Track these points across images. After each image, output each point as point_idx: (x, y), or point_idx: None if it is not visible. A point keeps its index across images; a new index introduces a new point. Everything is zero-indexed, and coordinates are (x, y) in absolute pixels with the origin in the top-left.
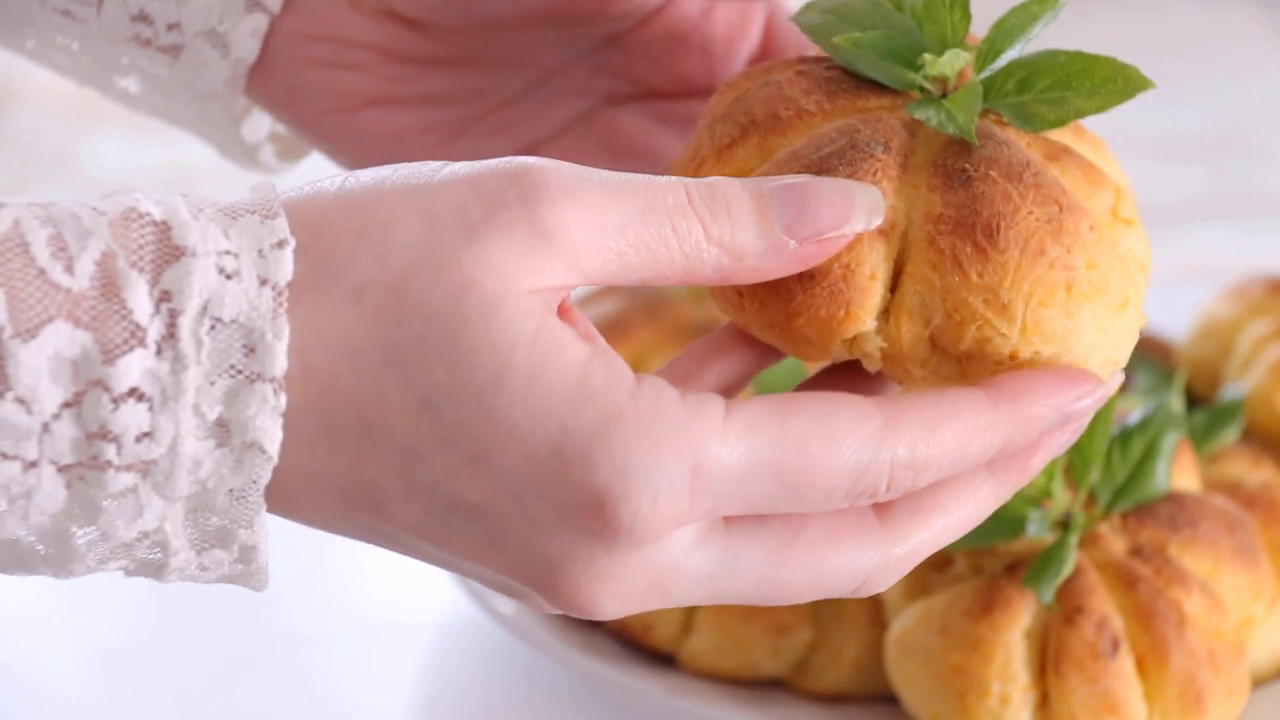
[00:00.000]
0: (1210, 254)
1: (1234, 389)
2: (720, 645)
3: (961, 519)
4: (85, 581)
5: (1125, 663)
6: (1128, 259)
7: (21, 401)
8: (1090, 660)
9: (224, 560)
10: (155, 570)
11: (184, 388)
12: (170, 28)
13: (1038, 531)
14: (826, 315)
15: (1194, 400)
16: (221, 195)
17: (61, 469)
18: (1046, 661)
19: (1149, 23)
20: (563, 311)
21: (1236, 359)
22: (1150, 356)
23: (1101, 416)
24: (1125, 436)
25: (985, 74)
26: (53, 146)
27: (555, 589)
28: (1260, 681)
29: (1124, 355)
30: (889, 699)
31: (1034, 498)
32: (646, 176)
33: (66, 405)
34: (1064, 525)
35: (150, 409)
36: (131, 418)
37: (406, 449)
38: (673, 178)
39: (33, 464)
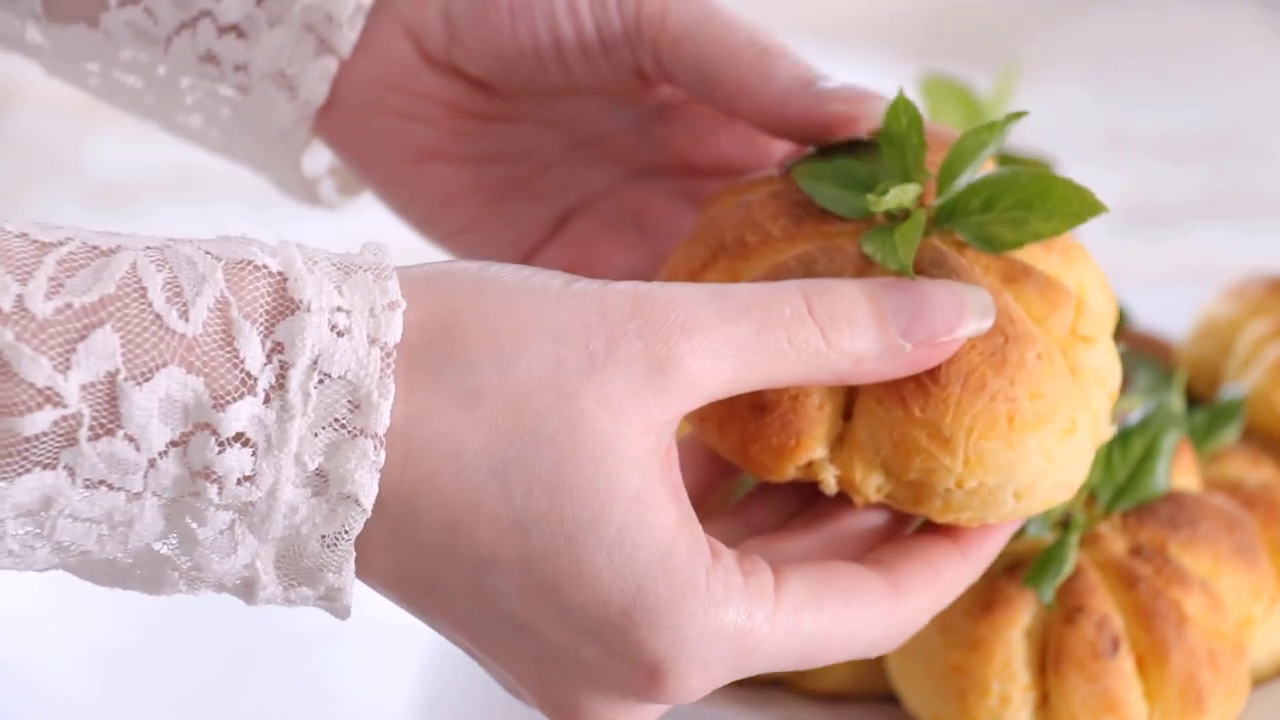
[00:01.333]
0: (1210, 254)
1: (1234, 388)
2: None
3: (940, 606)
4: (86, 584)
5: (1125, 662)
6: (1085, 377)
7: (131, 439)
8: (1090, 660)
9: (309, 596)
10: (244, 596)
11: (288, 437)
12: (237, 69)
13: (1038, 531)
14: (778, 444)
15: (1194, 400)
16: (224, 198)
17: (164, 503)
18: (1047, 661)
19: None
20: (669, 449)
21: (1236, 358)
22: (1150, 356)
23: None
24: (1125, 436)
25: (949, 194)
26: (54, 147)
27: (576, 718)
28: (1260, 681)
29: (1078, 476)
30: (889, 699)
31: None
32: (765, 287)
33: (173, 444)
34: (1064, 525)
35: (254, 454)
36: (236, 461)
37: (484, 557)
38: (790, 284)
39: (137, 495)
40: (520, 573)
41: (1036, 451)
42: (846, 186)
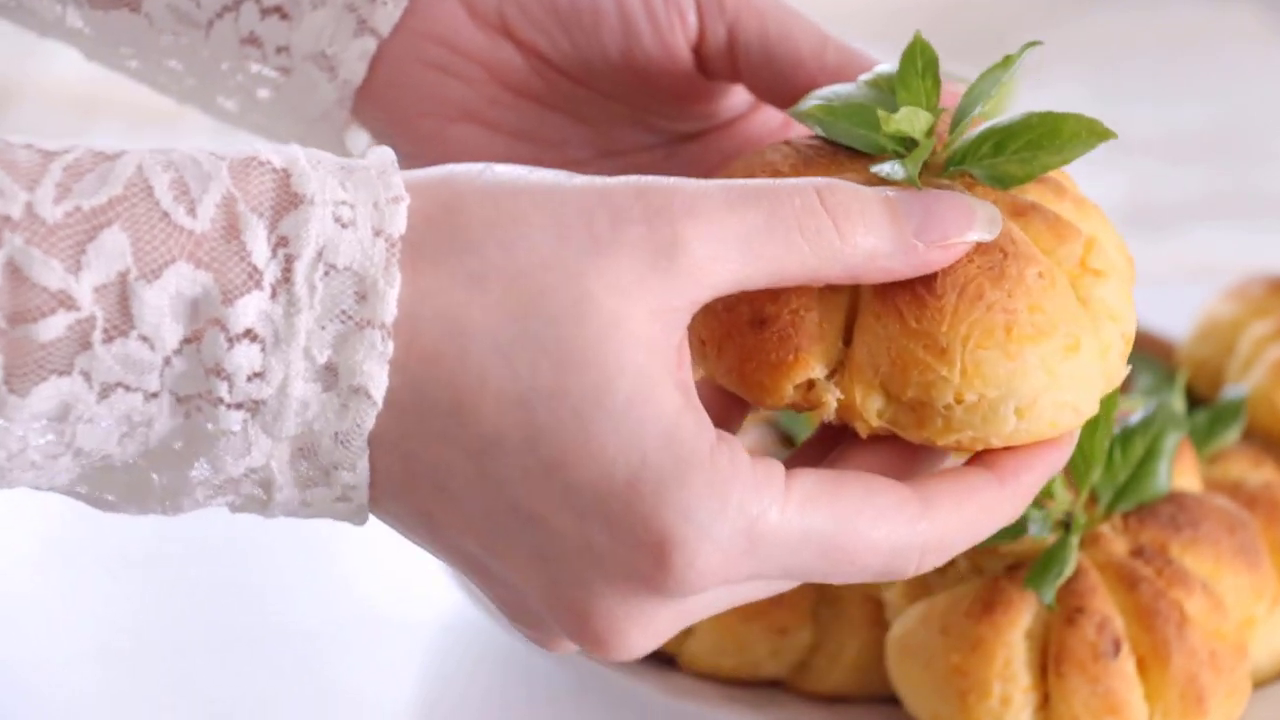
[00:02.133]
0: (1211, 254)
1: (1235, 389)
2: (721, 646)
3: (977, 536)
4: (86, 580)
5: (1126, 663)
6: (1095, 308)
7: (144, 339)
8: (1091, 661)
9: (326, 498)
10: (260, 506)
11: (296, 331)
12: (279, 50)
13: (1039, 532)
14: (776, 359)
15: (1195, 400)
16: None
17: (180, 400)
18: (1047, 662)
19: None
20: (680, 343)
21: (1237, 359)
22: (1151, 356)
23: (1103, 417)
24: (1126, 436)
25: (964, 139)
26: None
27: (586, 619)
28: (1261, 682)
29: (1085, 401)
30: (890, 700)
31: (1035, 499)
32: (774, 181)
33: (187, 341)
34: (1065, 525)
35: (263, 350)
36: (245, 357)
37: (490, 438)
38: (799, 180)
39: (154, 395)
40: (526, 451)
41: (1037, 365)
42: (857, 122)
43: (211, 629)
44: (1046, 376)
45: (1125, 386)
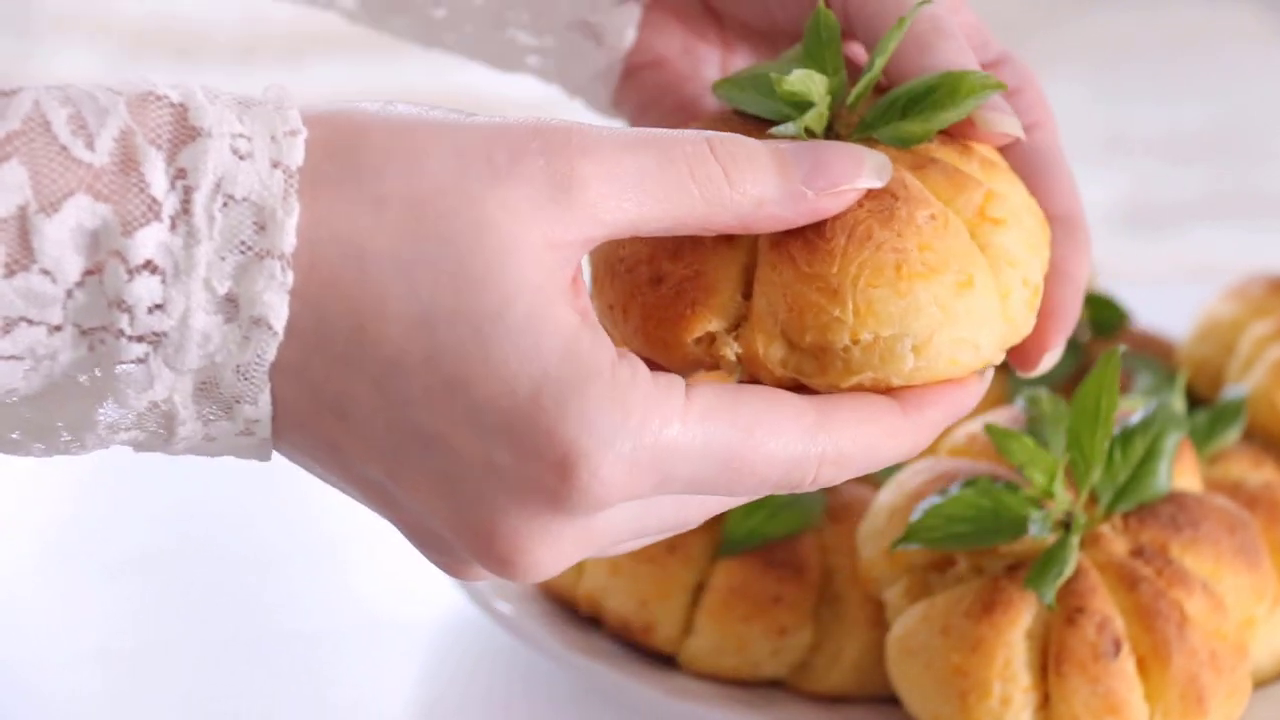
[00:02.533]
0: (1211, 254)
1: (1235, 389)
2: (721, 646)
3: (876, 458)
4: (86, 581)
5: (1126, 663)
6: (995, 253)
7: (46, 272)
8: (1092, 661)
9: (229, 432)
10: (163, 443)
11: (196, 262)
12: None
13: (1039, 532)
14: (674, 315)
15: (1195, 400)
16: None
17: (84, 333)
18: (1048, 662)
19: (1149, 23)
20: (576, 273)
21: (1238, 359)
22: (1151, 357)
23: (1103, 419)
24: (1127, 437)
25: (874, 106)
26: None
27: (493, 540)
28: (1262, 682)
29: (986, 340)
30: (890, 700)
31: (1035, 498)
32: (662, 130)
33: (89, 273)
34: (1065, 526)
35: (163, 281)
36: (145, 289)
37: (391, 360)
38: (689, 130)
39: (57, 328)
40: (427, 371)
41: (929, 302)
42: (762, 92)
43: (211, 630)
44: (941, 313)
45: (1125, 386)
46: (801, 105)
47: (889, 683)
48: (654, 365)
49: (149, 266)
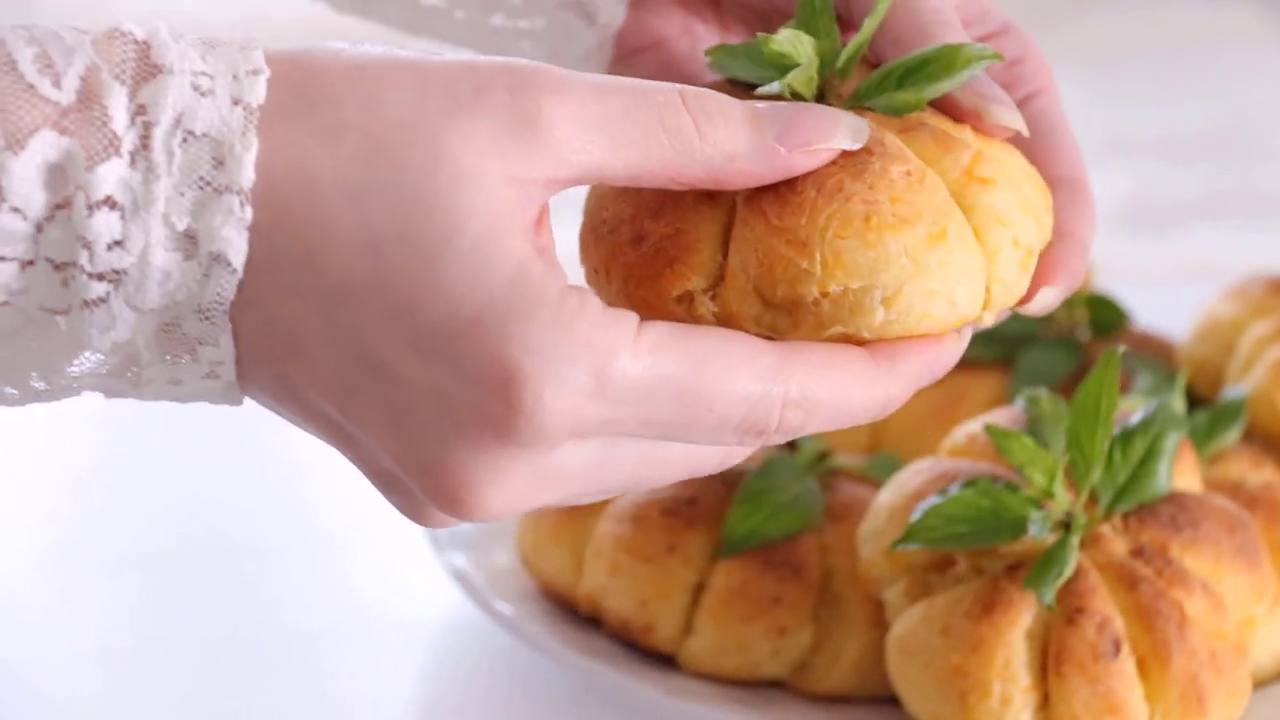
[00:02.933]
0: (1211, 254)
1: (1235, 389)
2: (721, 646)
3: (847, 406)
4: (85, 579)
5: (1126, 663)
6: (982, 212)
7: (16, 210)
8: (1091, 661)
9: (194, 374)
10: (131, 388)
11: (154, 197)
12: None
13: (1039, 532)
14: (653, 273)
15: (1195, 400)
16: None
17: (57, 267)
18: (1048, 662)
19: (1149, 23)
20: (540, 214)
21: (1238, 359)
22: (1151, 357)
23: (1103, 419)
24: (1126, 437)
25: (870, 77)
26: None
27: (439, 474)
28: (1262, 682)
29: (963, 296)
30: (890, 700)
31: (1035, 498)
32: (636, 80)
33: (59, 208)
34: (1065, 526)
35: (122, 218)
36: (104, 225)
37: (338, 286)
38: (663, 82)
39: (30, 263)
40: (374, 296)
41: (899, 253)
42: (753, 59)
43: (211, 628)
44: (911, 264)
45: (1125, 386)
46: (788, 67)
47: (889, 683)
48: None
49: (108, 202)
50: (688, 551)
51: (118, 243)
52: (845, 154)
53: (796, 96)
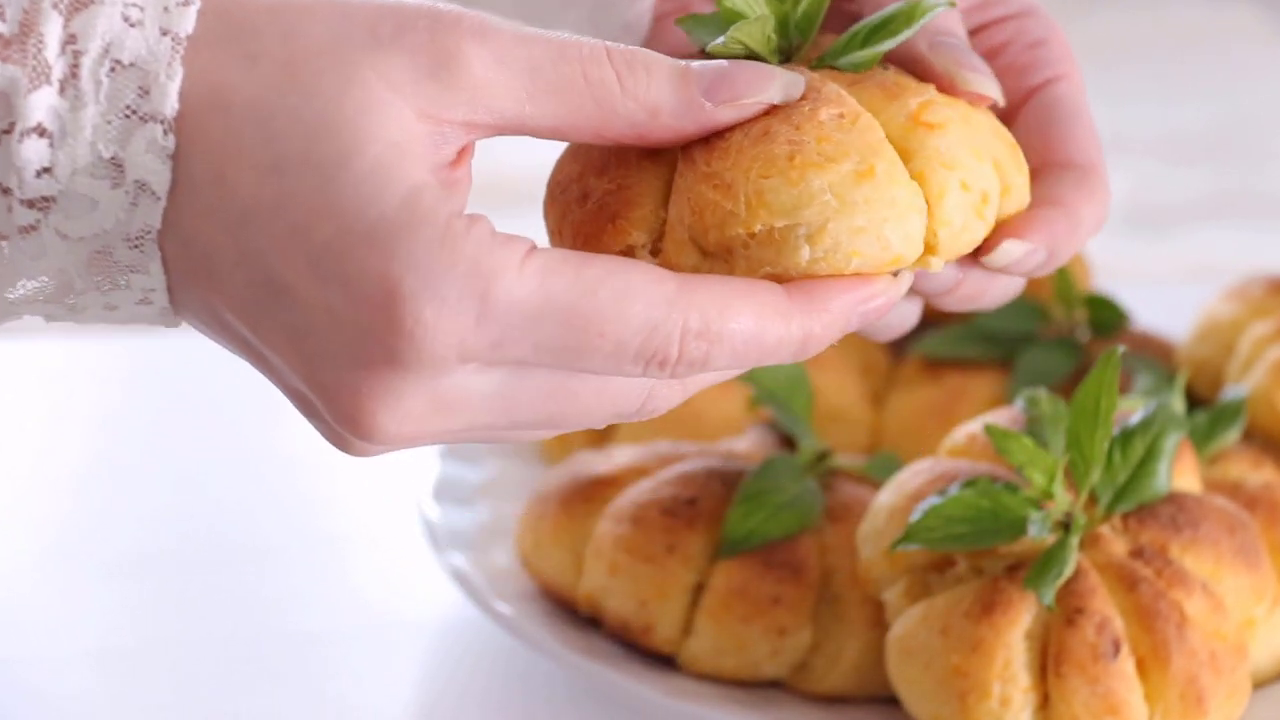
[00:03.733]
0: (1211, 254)
1: (1235, 389)
2: (720, 646)
3: (758, 340)
4: (86, 580)
5: (1126, 664)
6: (927, 155)
7: None
8: (1091, 661)
9: (129, 300)
10: (69, 312)
11: (82, 125)
12: None
13: (1039, 533)
14: (597, 229)
15: (1195, 401)
16: None
17: (2, 191)
18: (1047, 663)
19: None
20: (458, 156)
21: (1238, 359)
22: (1151, 357)
23: (1102, 418)
24: (1126, 437)
25: (839, 39)
26: None
27: (337, 396)
28: (1261, 683)
29: (895, 235)
30: (889, 700)
31: (1035, 499)
32: (565, 33)
33: (3, 133)
34: (1065, 526)
35: (51, 145)
36: (34, 152)
37: (245, 209)
38: (590, 38)
39: None
40: (275, 217)
41: (822, 190)
42: (720, 26)
43: (210, 629)
44: (836, 201)
45: (1125, 386)
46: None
47: (888, 683)
48: None
49: (38, 129)
50: (687, 552)
51: (46, 170)
52: (781, 105)
53: (753, 56)
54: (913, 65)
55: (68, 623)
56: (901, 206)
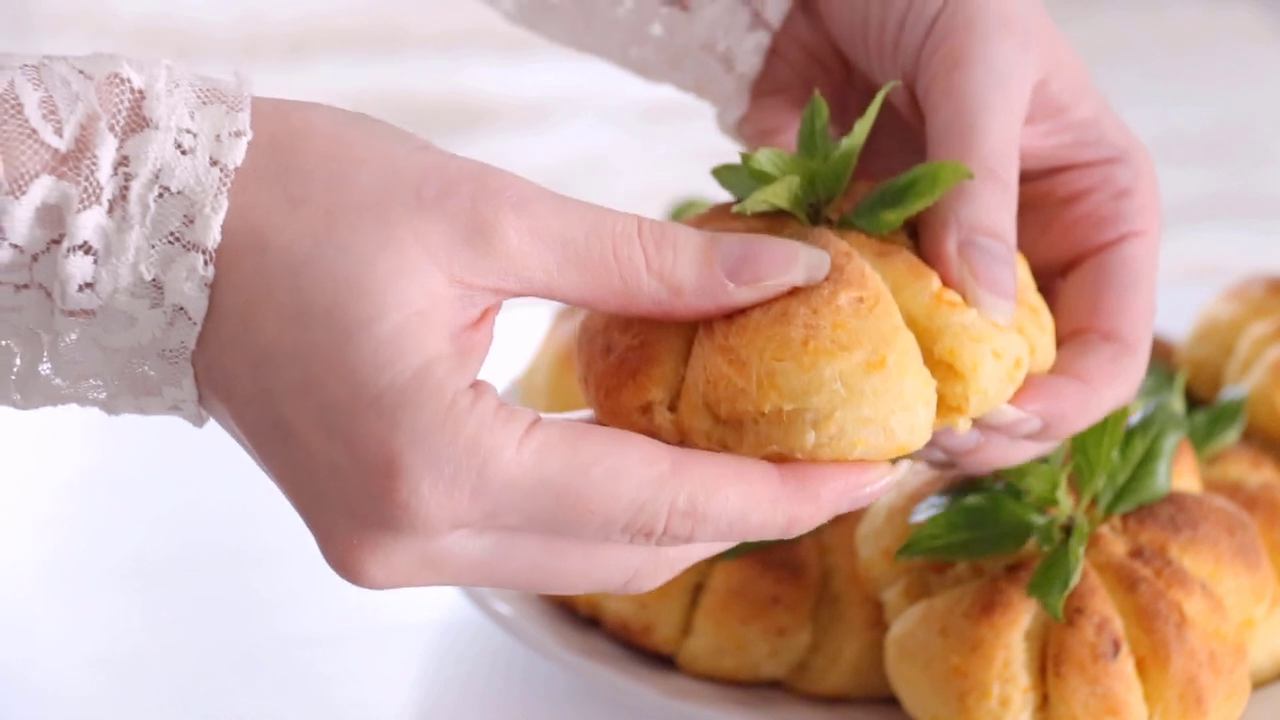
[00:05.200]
0: (1211, 254)
1: (1234, 390)
2: (720, 647)
3: (742, 522)
4: (87, 585)
5: (1126, 664)
6: (955, 332)
7: (15, 247)
8: (1091, 662)
9: (159, 406)
10: (104, 407)
11: (126, 246)
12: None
13: (1042, 540)
14: (617, 384)
15: (1194, 401)
16: None
17: (48, 294)
18: (1047, 663)
19: (1149, 23)
20: (482, 316)
21: (1237, 360)
22: (1151, 357)
23: (1111, 427)
24: (1126, 437)
25: (866, 198)
26: None
27: (330, 541)
28: (1261, 683)
29: (902, 425)
30: (889, 700)
31: (1038, 505)
32: (603, 206)
33: (53, 243)
34: (1067, 531)
35: (95, 262)
36: (78, 268)
37: (265, 349)
38: (627, 213)
39: (25, 286)
40: (293, 365)
41: (832, 378)
42: (749, 179)
43: (212, 633)
44: (845, 390)
45: None
46: (769, 184)
47: (888, 683)
48: None
49: (84, 247)
50: None
51: (88, 285)
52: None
53: (782, 212)
54: (935, 252)
55: (70, 628)
56: (909, 399)
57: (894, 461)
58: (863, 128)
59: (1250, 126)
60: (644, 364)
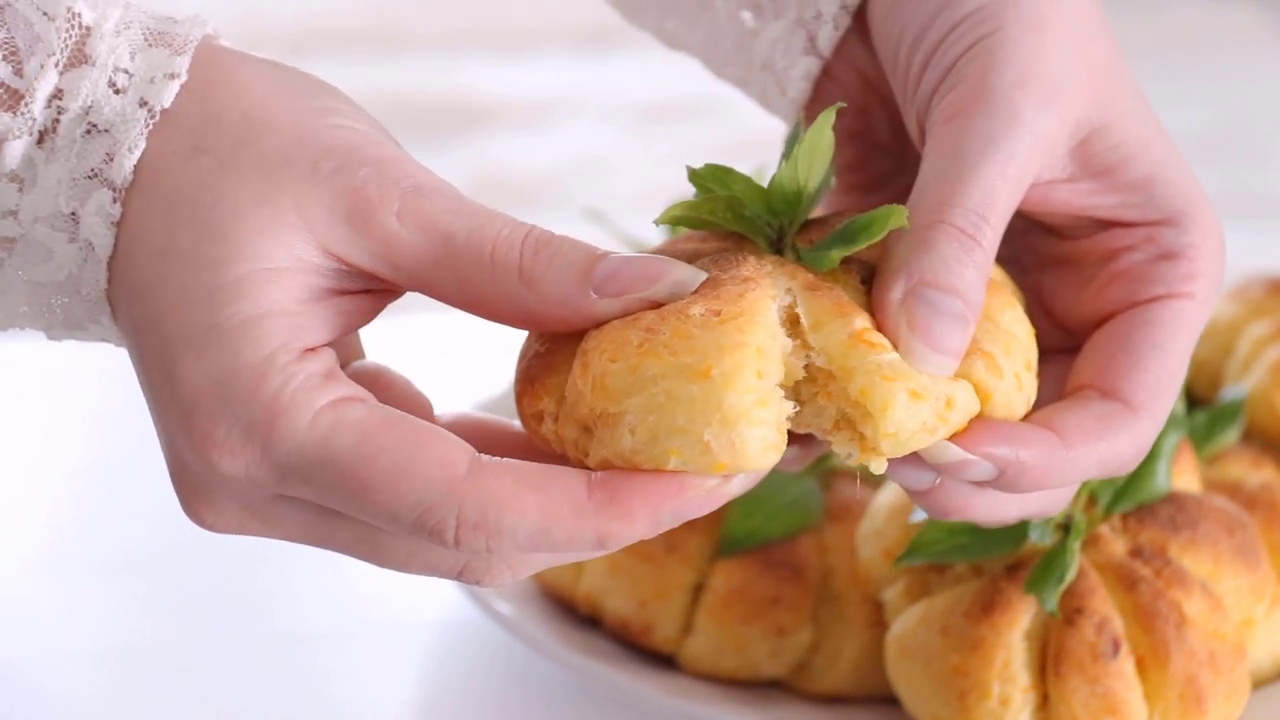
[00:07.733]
0: None
1: (1234, 390)
2: (720, 646)
3: (544, 536)
4: (87, 580)
5: (1126, 664)
6: (869, 369)
7: None
8: (1091, 661)
9: (91, 338)
10: (46, 334)
11: (50, 177)
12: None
13: (1040, 539)
14: (520, 391)
15: (1194, 401)
16: None
17: None
18: (1047, 662)
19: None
20: (358, 294)
21: (1237, 360)
22: None
23: None
24: None
25: (832, 232)
26: None
27: (174, 480)
28: (1260, 683)
29: (719, 440)
30: (889, 700)
31: None
32: (502, 213)
33: None
34: (1065, 529)
35: (20, 189)
36: (4, 194)
37: (135, 285)
38: (519, 221)
39: None
40: (148, 299)
41: (653, 381)
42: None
43: (212, 630)
44: (664, 398)
45: None
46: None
47: (888, 683)
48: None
49: (11, 175)
50: (687, 552)
51: (11, 213)
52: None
53: (731, 233)
54: (878, 298)
55: (70, 623)
56: (730, 414)
57: (728, 477)
58: (821, 161)
59: (1250, 126)
60: (542, 372)
